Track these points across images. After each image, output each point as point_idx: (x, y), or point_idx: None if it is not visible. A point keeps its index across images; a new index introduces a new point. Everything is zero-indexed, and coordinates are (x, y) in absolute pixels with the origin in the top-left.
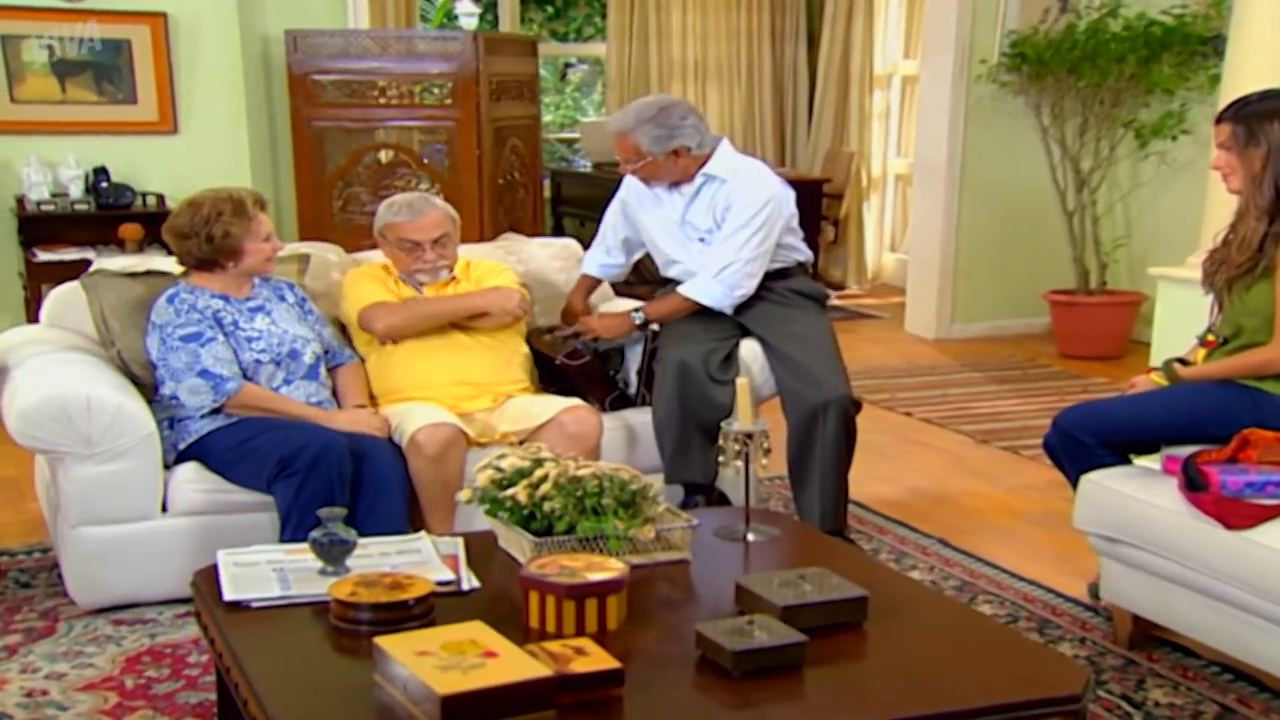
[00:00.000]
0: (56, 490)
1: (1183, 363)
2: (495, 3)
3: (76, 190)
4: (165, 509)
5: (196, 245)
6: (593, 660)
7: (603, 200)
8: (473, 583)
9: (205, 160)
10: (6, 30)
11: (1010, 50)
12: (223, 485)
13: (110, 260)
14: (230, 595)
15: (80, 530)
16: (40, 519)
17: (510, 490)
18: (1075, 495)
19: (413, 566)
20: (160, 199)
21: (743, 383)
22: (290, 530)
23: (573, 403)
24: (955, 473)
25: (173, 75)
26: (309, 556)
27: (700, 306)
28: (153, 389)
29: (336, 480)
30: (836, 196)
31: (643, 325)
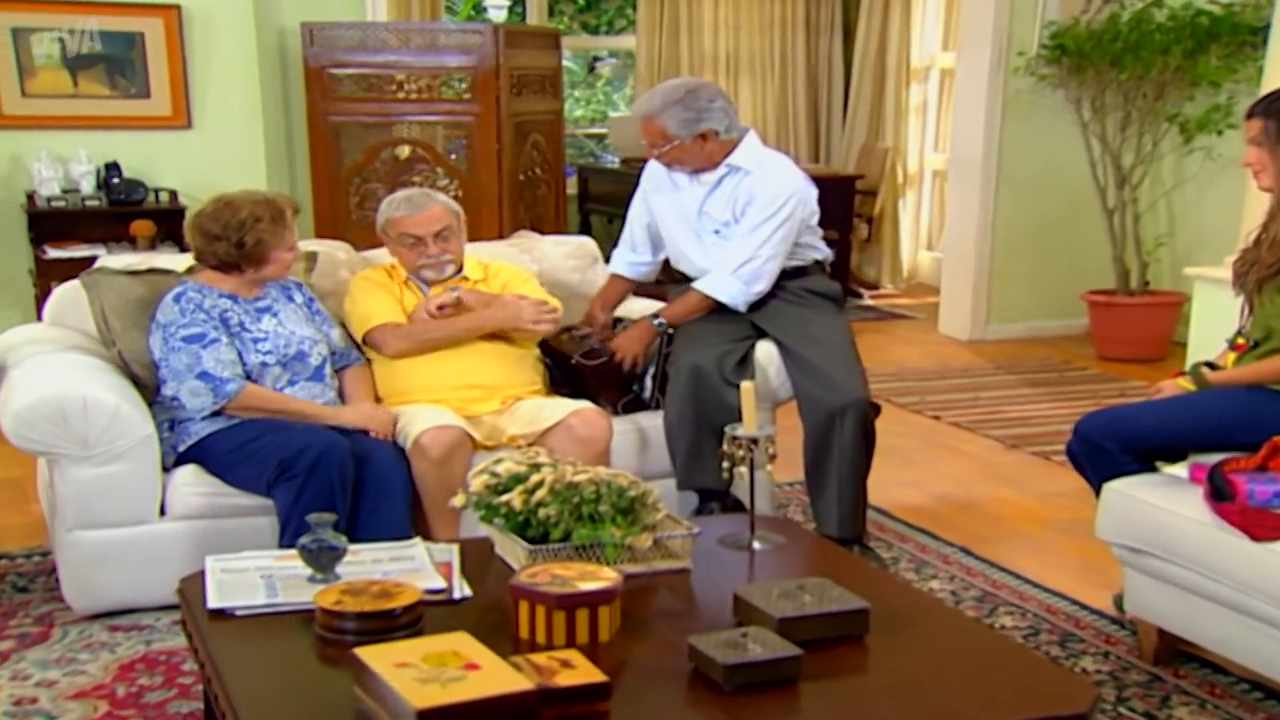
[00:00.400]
0: (53, 493)
1: (1211, 367)
2: None
3: (88, 186)
4: (164, 512)
5: (225, 248)
6: (578, 673)
7: (631, 197)
8: (464, 591)
9: (219, 156)
10: (17, 23)
11: (1050, 42)
12: (222, 489)
13: (112, 258)
14: (214, 603)
15: (76, 534)
16: (43, 521)
17: (506, 496)
18: (1098, 503)
19: (405, 574)
20: (173, 195)
21: (747, 386)
22: (289, 535)
23: (582, 405)
24: (982, 479)
25: (186, 69)
26: (299, 563)
27: (717, 304)
28: (155, 390)
29: (338, 484)
30: (870, 193)
31: (665, 329)
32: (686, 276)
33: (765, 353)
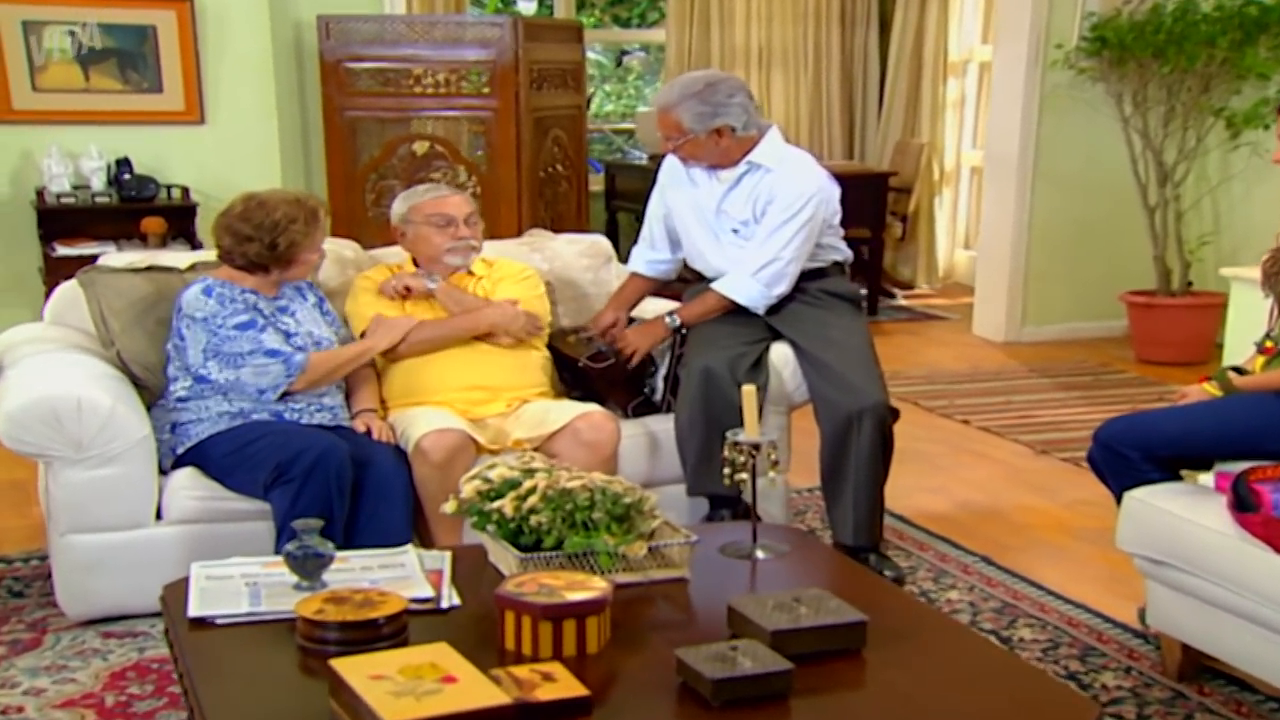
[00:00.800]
0: (48, 496)
1: (1239, 371)
2: None
3: (98, 182)
4: (160, 516)
5: (258, 249)
6: (559, 687)
7: None
8: (453, 600)
9: (233, 151)
10: (29, 15)
11: (1090, 34)
12: (219, 492)
13: (112, 256)
14: (195, 611)
15: (70, 538)
16: (43, 525)
17: (498, 502)
18: (1119, 513)
19: (393, 582)
20: (185, 192)
21: (749, 389)
22: (285, 540)
23: (589, 408)
24: (1009, 485)
25: (199, 63)
26: (286, 570)
27: (735, 305)
28: (158, 391)
29: (335, 488)
30: (905, 190)
31: (678, 329)
32: (701, 275)
33: (780, 355)
